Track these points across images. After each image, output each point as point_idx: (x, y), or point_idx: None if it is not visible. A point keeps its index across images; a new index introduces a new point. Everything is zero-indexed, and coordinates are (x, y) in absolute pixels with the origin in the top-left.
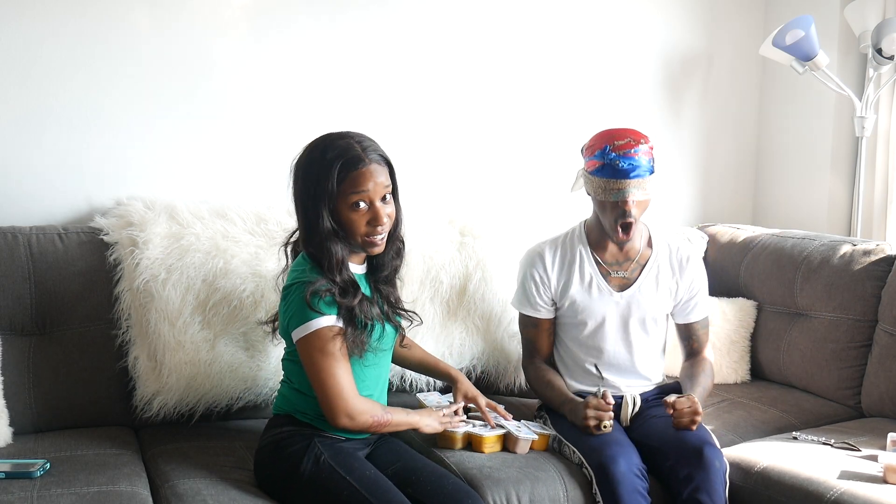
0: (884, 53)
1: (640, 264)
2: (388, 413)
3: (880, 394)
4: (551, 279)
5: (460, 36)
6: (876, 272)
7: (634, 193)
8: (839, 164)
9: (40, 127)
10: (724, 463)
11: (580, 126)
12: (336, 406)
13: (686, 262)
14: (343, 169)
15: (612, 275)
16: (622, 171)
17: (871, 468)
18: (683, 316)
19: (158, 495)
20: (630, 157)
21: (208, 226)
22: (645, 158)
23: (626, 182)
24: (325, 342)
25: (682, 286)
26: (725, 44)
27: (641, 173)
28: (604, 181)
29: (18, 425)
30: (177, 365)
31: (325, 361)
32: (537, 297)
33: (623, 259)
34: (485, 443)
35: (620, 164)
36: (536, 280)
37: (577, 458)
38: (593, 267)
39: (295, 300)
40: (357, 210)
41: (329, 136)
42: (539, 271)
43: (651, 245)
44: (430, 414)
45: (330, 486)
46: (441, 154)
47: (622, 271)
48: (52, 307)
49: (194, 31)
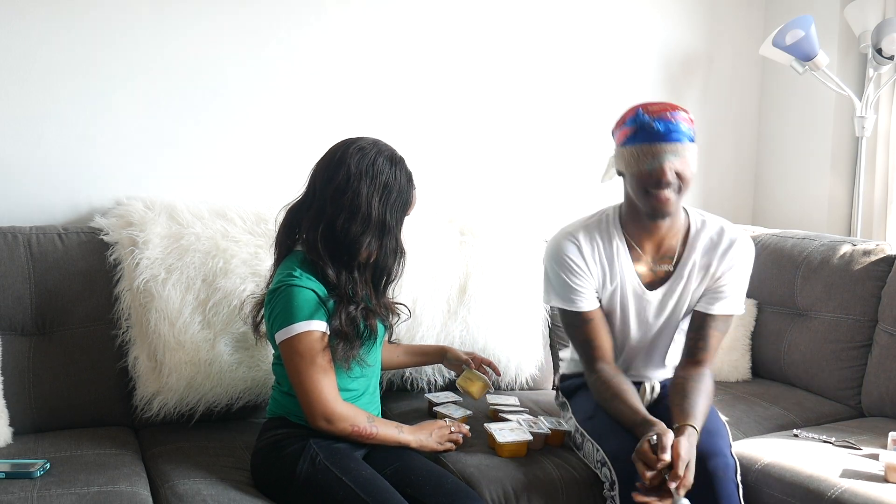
0: (884, 53)
1: (676, 262)
2: (374, 426)
3: (880, 393)
4: (591, 268)
5: (460, 36)
6: (876, 272)
7: (672, 161)
8: (839, 164)
9: (40, 127)
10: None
11: (580, 126)
12: (314, 408)
13: (731, 245)
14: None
15: (647, 271)
16: (657, 133)
17: (873, 467)
18: (704, 304)
19: (158, 495)
20: (666, 119)
21: (208, 226)
22: (684, 124)
23: (662, 146)
24: (307, 345)
25: (717, 269)
26: (725, 44)
27: (679, 137)
28: (637, 147)
29: (18, 425)
30: (177, 365)
31: (305, 364)
32: (579, 287)
33: (660, 257)
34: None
35: (655, 126)
36: (574, 269)
37: (599, 456)
38: (630, 264)
39: (281, 302)
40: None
41: (377, 140)
42: (576, 258)
43: (687, 240)
44: (425, 431)
45: (326, 487)
46: (441, 153)
47: (657, 266)
48: (52, 307)
49: (195, 31)
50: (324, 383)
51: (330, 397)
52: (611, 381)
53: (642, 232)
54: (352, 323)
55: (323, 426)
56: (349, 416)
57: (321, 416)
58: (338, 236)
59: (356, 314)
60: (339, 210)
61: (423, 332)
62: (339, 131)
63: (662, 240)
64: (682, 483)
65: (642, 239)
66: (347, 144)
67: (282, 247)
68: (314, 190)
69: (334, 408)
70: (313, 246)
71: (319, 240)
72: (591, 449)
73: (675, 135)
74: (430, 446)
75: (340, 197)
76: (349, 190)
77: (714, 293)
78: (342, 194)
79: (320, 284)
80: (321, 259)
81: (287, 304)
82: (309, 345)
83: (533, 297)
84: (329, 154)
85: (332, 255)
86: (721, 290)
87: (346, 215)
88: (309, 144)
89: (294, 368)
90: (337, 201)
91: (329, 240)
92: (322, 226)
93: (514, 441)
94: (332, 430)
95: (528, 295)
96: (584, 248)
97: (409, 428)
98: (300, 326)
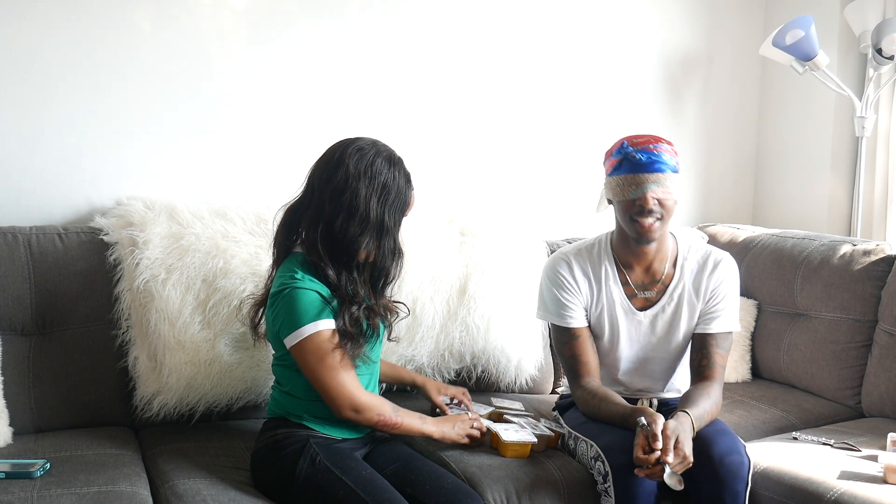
0: (884, 53)
1: (665, 284)
2: (399, 415)
3: (880, 394)
4: (581, 287)
5: (460, 36)
6: (876, 272)
7: (654, 190)
8: (839, 164)
9: (40, 127)
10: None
11: (581, 126)
12: (339, 401)
13: (716, 266)
14: (412, 184)
15: (638, 296)
16: (640, 164)
17: (871, 468)
18: (702, 325)
19: (158, 495)
20: (649, 150)
21: (208, 226)
22: (666, 155)
23: (645, 176)
24: (318, 345)
25: (707, 290)
26: (725, 44)
27: (661, 168)
28: (622, 178)
29: (18, 425)
30: (177, 365)
31: (320, 363)
32: (569, 303)
33: (649, 281)
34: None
35: (638, 157)
36: (566, 286)
37: (593, 452)
38: (619, 286)
39: (285, 306)
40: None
41: (376, 140)
42: (567, 276)
43: (676, 264)
44: (448, 423)
45: (326, 486)
46: (442, 154)
47: (647, 292)
48: (52, 307)
49: (194, 32)
50: (343, 377)
51: (354, 389)
52: (596, 390)
53: (631, 256)
54: (355, 323)
55: (351, 416)
56: (375, 405)
57: (348, 407)
58: (336, 236)
59: (359, 314)
60: (338, 210)
61: (423, 332)
62: (340, 131)
63: (651, 263)
64: (680, 460)
65: (631, 262)
66: (346, 145)
67: (281, 248)
68: (312, 190)
69: (360, 398)
70: (313, 246)
71: (319, 240)
72: (586, 447)
73: (658, 165)
74: (451, 438)
75: (339, 197)
76: (348, 190)
77: (709, 313)
78: (340, 194)
79: (322, 285)
80: (321, 260)
81: (292, 307)
82: (320, 344)
83: (533, 297)
84: (328, 154)
85: (332, 255)
86: (715, 308)
87: (345, 216)
88: (309, 144)
89: (310, 370)
90: (335, 201)
91: (328, 240)
92: (321, 226)
93: (518, 441)
94: (360, 420)
95: (528, 295)
96: (575, 267)
97: (432, 420)
98: (308, 329)
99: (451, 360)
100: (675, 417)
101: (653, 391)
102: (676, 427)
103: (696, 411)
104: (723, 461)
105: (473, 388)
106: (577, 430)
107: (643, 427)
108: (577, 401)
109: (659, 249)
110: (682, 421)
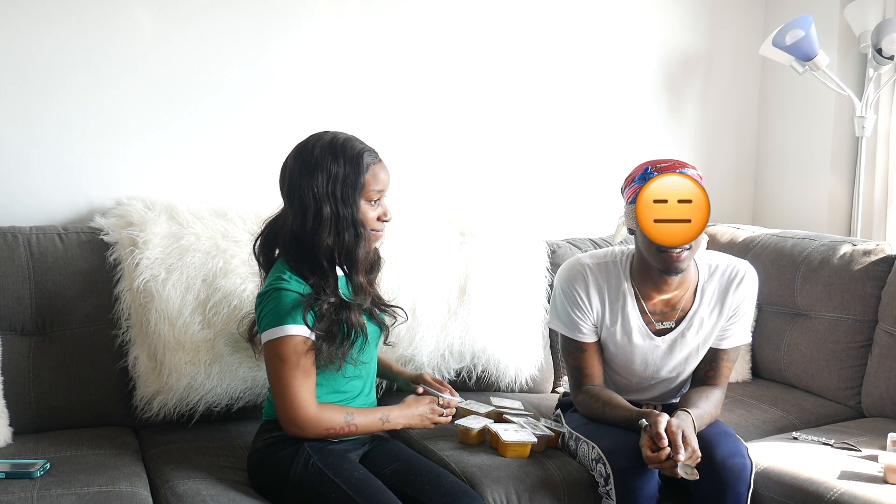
0: (884, 53)
1: (685, 311)
2: (353, 423)
3: (880, 394)
4: (593, 305)
5: (460, 36)
6: (876, 272)
7: None
8: (839, 164)
9: (40, 127)
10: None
11: (581, 126)
12: (286, 414)
13: (740, 283)
14: (369, 162)
15: (655, 324)
16: None
17: (872, 468)
18: (716, 341)
19: (158, 495)
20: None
21: (208, 226)
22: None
23: None
24: (288, 349)
25: (730, 308)
26: (725, 44)
27: None
28: None
29: (18, 425)
30: (177, 365)
31: (284, 368)
32: (580, 320)
33: (669, 309)
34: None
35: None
36: (580, 304)
37: (595, 454)
38: (636, 312)
39: (268, 305)
40: (373, 205)
41: (328, 132)
42: (582, 295)
43: (696, 290)
44: (413, 407)
45: (319, 488)
46: (441, 154)
47: (666, 322)
48: (52, 307)
49: (194, 32)
50: (299, 388)
51: (303, 403)
52: (599, 393)
53: (652, 288)
54: (335, 322)
55: (295, 432)
56: (322, 419)
57: (291, 422)
58: (301, 238)
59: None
60: (296, 214)
61: (423, 332)
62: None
63: (672, 294)
64: (689, 454)
65: (651, 292)
66: (295, 147)
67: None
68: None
69: (305, 414)
70: (288, 252)
71: (290, 246)
72: (587, 448)
73: None
74: (414, 425)
75: (293, 201)
76: (296, 191)
77: (726, 330)
78: (293, 198)
79: (308, 287)
80: (298, 264)
81: (274, 306)
82: (291, 349)
83: (533, 297)
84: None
85: (304, 257)
86: (733, 325)
87: (301, 217)
88: None
89: (273, 370)
90: (292, 206)
91: (296, 244)
92: (289, 232)
93: (518, 441)
94: (306, 435)
95: (528, 295)
96: (591, 284)
97: (396, 414)
98: (284, 330)
99: (451, 360)
100: (676, 416)
101: (662, 400)
102: (680, 424)
103: (696, 411)
104: (725, 463)
105: (473, 388)
106: (578, 431)
107: (646, 429)
108: (578, 404)
109: (683, 280)
110: (684, 418)
